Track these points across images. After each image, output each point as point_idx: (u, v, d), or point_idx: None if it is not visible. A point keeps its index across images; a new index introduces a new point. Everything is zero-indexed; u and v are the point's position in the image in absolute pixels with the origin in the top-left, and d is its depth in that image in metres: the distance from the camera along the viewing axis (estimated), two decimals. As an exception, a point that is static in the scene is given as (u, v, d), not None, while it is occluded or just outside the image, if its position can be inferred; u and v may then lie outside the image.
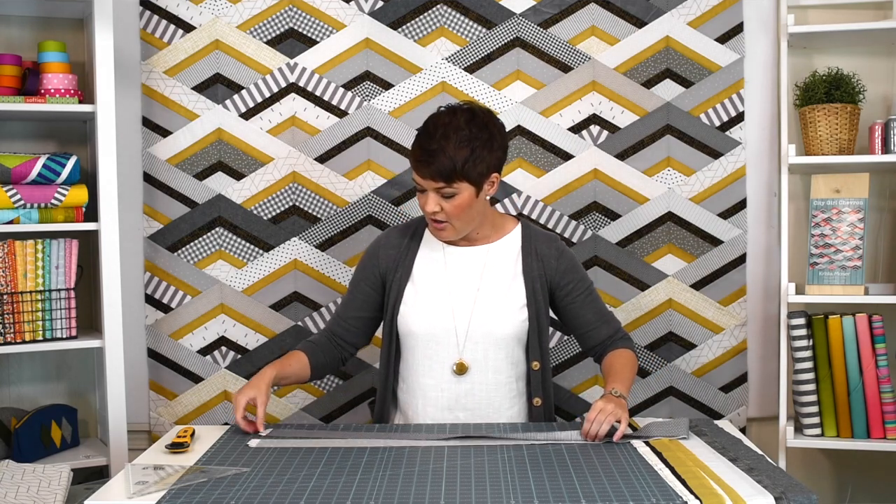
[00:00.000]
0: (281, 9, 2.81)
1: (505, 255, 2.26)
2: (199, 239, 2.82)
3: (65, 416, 2.67)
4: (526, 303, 2.23)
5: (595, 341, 2.30)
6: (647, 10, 2.84)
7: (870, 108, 2.80)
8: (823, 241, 2.67)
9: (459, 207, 2.13)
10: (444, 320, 2.21)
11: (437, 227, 2.18)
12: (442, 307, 2.22)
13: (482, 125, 2.13)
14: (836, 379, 2.61)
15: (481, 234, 2.26)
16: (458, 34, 2.84)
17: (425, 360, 2.22)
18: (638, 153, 2.86)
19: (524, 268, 2.24)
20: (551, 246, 2.28)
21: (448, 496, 1.61)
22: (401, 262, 2.28)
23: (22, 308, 2.50)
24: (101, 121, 2.53)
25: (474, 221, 2.20)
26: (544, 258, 2.26)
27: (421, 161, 2.11)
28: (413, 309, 2.23)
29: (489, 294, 2.23)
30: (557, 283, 2.26)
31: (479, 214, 2.20)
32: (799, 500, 1.59)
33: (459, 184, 2.10)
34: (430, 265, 2.27)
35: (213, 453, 1.91)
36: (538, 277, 2.24)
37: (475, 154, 2.10)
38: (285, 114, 2.83)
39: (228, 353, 2.84)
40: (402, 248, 2.30)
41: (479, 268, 2.25)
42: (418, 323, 2.22)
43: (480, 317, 2.21)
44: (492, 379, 2.22)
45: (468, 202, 2.13)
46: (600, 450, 1.90)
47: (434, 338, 2.21)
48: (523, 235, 2.29)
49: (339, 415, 2.87)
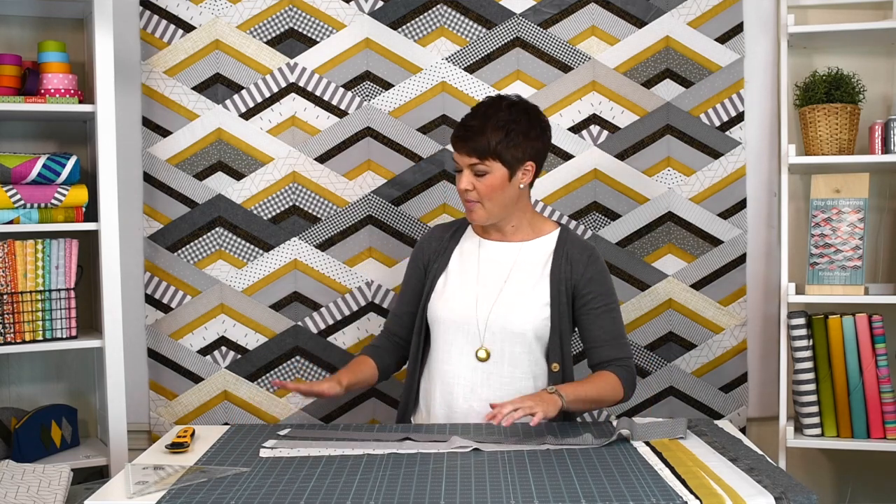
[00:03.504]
0: (281, 9, 2.81)
1: (537, 255, 2.29)
2: (199, 239, 2.82)
3: (65, 416, 2.67)
4: (549, 302, 2.24)
5: (598, 359, 2.29)
6: (647, 10, 2.84)
7: (870, 108, 2.79)
8: (823, 241, 2.67)
9: (490, 187, 2.21)
10: (466, 309, 2.27)
11: (468, 207, 2.27)
12: (467, 296, 2.29)
13: (523, 111, 2.24)
14: (836, 379, 2.61)
15: (517, 229, 2.31)
16: (458, 34, 2.84)
17: (446, 347, 2.29)
18: (638, 153, 2.86)
19: (553, 269, 2.27)
20: (584, 252, 2.29)
21: (448, 496, 1.61)
22: (441, 254, 2.37)
23: (22, 308, 2.50)
24: (101, 121, 2.53)
25: (506, 209, 2.26)
26: (574, 262, 2.27)
27: (459, 137, 2.23)
28: (441, 297, 2.32)
29: (514, 289, 2.26)
30: (579, 290, 2.27)
31: (512, 203, 2.26)
32: (799, 500, 1.59)
33: (492, 163, 2.20)
34: (465, 258, 2.34)
35: (213, 453, 1.91)
36: (564, 280, 2.25)
37: (510, 137, 2.19)
38: (285, 114, 2.83)
39: (228, 353, 2.84)
40: (443, 242, 2.39)
41: (510, 263, 2.29)
42: (443, 310, 2.30)
43: (501, 309, 2.25)
44: (507, 372, 2.25)
45: (499, 184, 2.21)
46: (600, 450, 1.90)
47: (455, 325, 2.28)
48: (559, 239, 2.32)
49: (339, 415, 2.87)
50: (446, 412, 2.28)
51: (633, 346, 2.87)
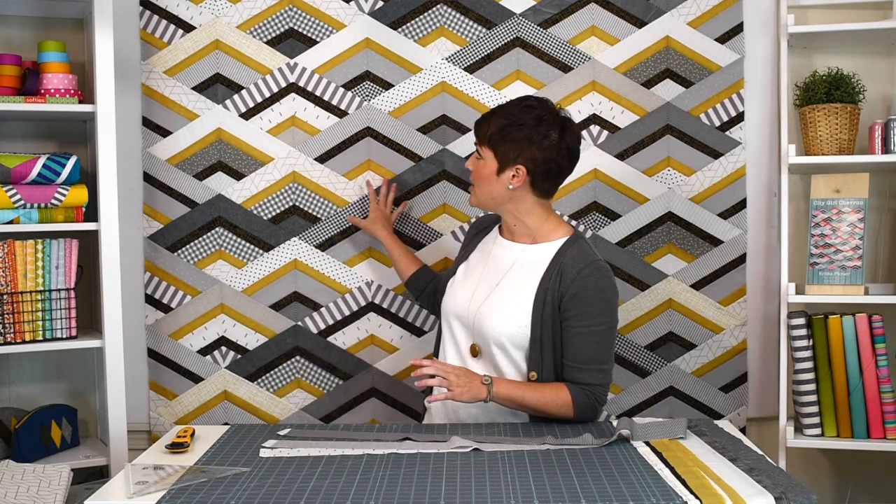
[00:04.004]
0: (281, 9, 2.81)
1: (536, 260, 2.28)
2: (199, 239, 2.82)
3: (65, 416, 2.67)
4: (532, 311, 2.22)
5: (566, 377, 2.21)
6: (647, 10, 2.84)
7: (870, 108, 2.79)
8: (823, 241, 2.67)
9: (479, 174, 2.28)
10: (464, 302, 2.32)
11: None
12: (467, 291, 2.33)
13: (537, 118, 2.22)
14: (836, 379, 2.61)
15: (520, 231, 2.32)
16: (458, 34, 2.84)
17: (449, 335, 2.35)
18: (638, 153, 2.86)
19: (543, 277, 2.24)
20: (577, 265, 2.20)
21: (448, 496, 1.61)
22: (470, 244, 2.46)
23: (22, 308, 2.50)
24: (101, 121, 2.53)
25: (494, 202, 2.30)
26: (564, 274, 2.20)
27: (478, 119, 2.30)
28: (451, 289, 2.39)
29: (504, 290, 2.27)
30: (563, 305, 2.20)
31: (502, 200, 2.28)
32: (799, 500, 1.59)
33: (486, 151, 2.25)
34: (482, 252, 2.40)
35: (213, 453, 1.91)
36: (552, 291, 2.21)
37: (508, 132, 2.22)
38: (285, 114, 2.83)
39: (228, 353, 2.84)
40: (477, 233, 2.48)
41: (510, 264, 2.31)
42: (447, 302, 2.37)
43: (486, 310, 2.26)
44: (494, 371, 2.26)
45: (487, 174, 2.26)
46: (600, 450, 1.90)
47: (456, 317, 2.33)
48: (560, 248, 2.26)
49: (339, 415, 2.87)
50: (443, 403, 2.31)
51: (633, 346, 2.87)
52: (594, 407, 2.19)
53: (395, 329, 2.87)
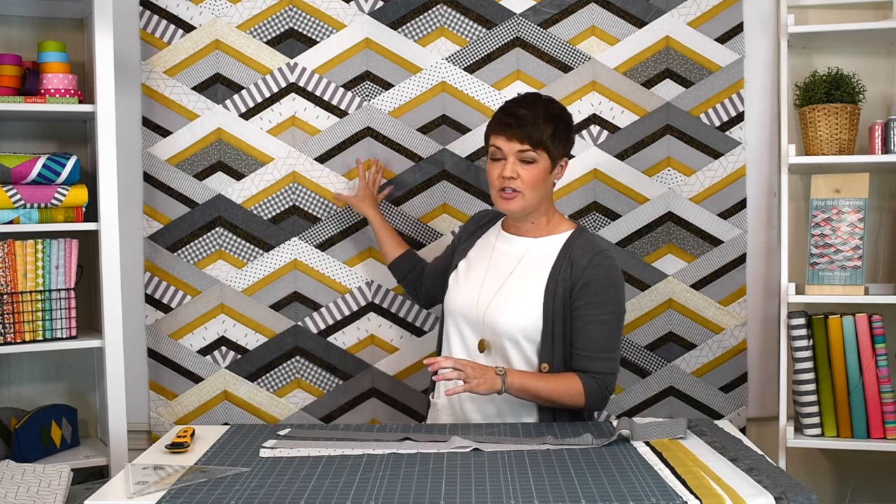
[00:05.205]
0: (281, 9, 2.81)
1: (544, 253, 2.29)
2: (199, 239, 2.82)
3: (65, 416, 2.67)
4: (543, 303, 2.23)
5: (576, 367, 2.23)
6: (647, 10, 2.84)
7: (870, 108, 2.80)
8: (823, 241, 2.67)
9: (535, 177, 2.24)
10: (471, 299, 2.30)
11: (506, 196, 2.26)
12: (473, 287, 2.32)
13: (561, 109, 2.30)
14: (836, 379, 2.61)
15: (536, 225, 2.32)
16: (458, 34, 2.84)
17: (456, 332, 2.34)
18: (638, 153, 2.87)
19: (553, 269, 2.25)
20: (587, 255, 2.24)
21: (448, 496, 1.61)
22: (468, 239, 2.45)
23: (22, 308, 2.50)
24: (101, 121, 2.53)
25: (541, 202, 2.29)
26: (575, 265, 2.23)
27: (508, 125, 2.23)
28: (454, 285, 2.37)
29: (513, 284, 2.27)
30: (574, 294, 2.23)
31: (545, 197, 2.29)
32: (799, 500, 1.59)
33: (541, 153, 2.23)
34: (484, 248, 2.39)
35: (213, 453, 1.91)
36: (562, 282, 2.23)
37: (558, 131, 2.25)
38: (285, 114, 2.83)
39: (228, 353, 2.84)
40: (476, 228, 2.47)
41: (517, 259, 2.31)
42: (452, 299, 2.35)
43: (496, 304, 2.26)
44: (503, 365, 2.24)
45: (542, 175, 2.25)
46: (600, 450, 1.90)
47: (462, 314, 2.32)
48: (568, 240, 2.29)
49: (339, 415, 2.87)
50: (449, 398, 2.31)
51: (634, 346, 2.87)
52: (604, 395, 2.23)
53: (395, 329, 2.88)
